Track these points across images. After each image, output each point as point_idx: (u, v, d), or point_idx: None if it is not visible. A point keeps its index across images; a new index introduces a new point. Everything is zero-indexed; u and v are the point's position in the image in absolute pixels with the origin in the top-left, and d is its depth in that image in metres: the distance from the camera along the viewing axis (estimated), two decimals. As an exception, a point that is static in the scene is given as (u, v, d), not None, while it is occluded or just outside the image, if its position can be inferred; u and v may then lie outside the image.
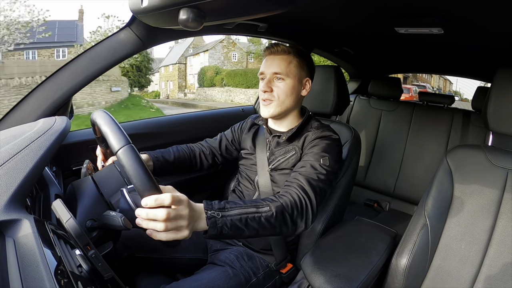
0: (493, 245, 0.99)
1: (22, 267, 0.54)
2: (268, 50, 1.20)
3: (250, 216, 0.85)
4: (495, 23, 1.11)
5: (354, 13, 1.25)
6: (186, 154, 1.34)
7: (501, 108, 1.02)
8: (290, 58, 1.17)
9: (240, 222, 0.83)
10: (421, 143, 2.21)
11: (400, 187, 2.25)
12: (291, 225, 0.93)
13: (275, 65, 1.16)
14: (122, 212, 0.86)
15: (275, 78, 1.17)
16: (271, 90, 1.16)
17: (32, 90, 1.14)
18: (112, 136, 0.73)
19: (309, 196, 0.98)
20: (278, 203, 0.91)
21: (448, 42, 1.51)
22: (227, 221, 0.80)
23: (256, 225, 0.85)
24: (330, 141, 1.13)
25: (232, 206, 0.84)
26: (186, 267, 1.25)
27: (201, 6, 0.68)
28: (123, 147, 0.70)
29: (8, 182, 0.67)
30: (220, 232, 0.80)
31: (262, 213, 0.87)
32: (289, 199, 0.94)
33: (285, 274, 1.23)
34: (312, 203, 0.97)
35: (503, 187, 1.01)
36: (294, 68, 1.17)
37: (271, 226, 0.88)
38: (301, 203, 0.95)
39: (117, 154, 0.71)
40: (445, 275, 1.04)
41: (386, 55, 2.29)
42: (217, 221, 0.79)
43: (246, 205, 0.86)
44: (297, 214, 0.93)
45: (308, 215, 0.96)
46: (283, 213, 0.90)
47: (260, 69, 1.21)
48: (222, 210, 0.81)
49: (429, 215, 1.05)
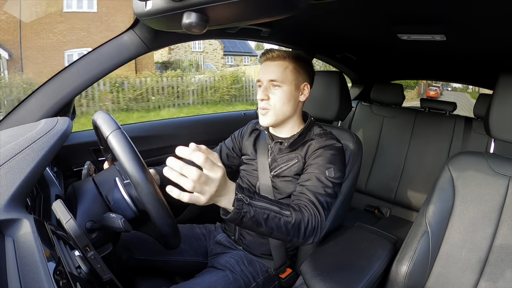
0: (494, 252, 0.99)
1: (21, 267, 0.54)
2: (264, 56, 1.17)
3: (272, 214, 0.84)
4: (498, 30, 1.11)
5: (357, 19, 1.25)
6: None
7: (503, 115, 1.02)
8: (286, 64, 1.15)
9: (262, 216, 0.82)
10: (422, 149, 2.21)
11: (401, 193, 2.24)
12: (302, 238, 0.92)
13: (270, 71, 1.14)
14: (115, 202, 0.86)
15: (272, 85, 1.14)
16: (268, 98, 1.14)
17: (35, 91, 1.14)
18: (103, 124, 0.75)
19: (319, 212, 0.97)
20: (298, 213, 0.91)
21: (451, 49, 1.51)
22: (251, 210, 0.80)
23: (274, 224, 0.85)
24: (334, 151, 1.11)
25: (260, 198, 0.84)
26: (185, 270, 1.25)
27: (205, 10, 0.68)
28: (113, 131, 0.72)
29: (9, 182, 0.67)
30: (241, 218, 0.79)
31: (283, 215, 0.86)
32: (308, 214, 0.93)
33: (284, 279, 1.22)
34: (322, 220, 0.97)
35: (505, 195, 1.01)
36: (290, 74, 1.15)
37: (286, 231, 0.88)
38: (315, 220, 0.95)
39: (107, 139, 0.71)
40: (446, 282, 1.03)
41: (388, 62, 2.30)
42: (243, 206, 0.78)
43: (271, 202, 0.86)
44: (310, 229, 0.93)
45: (318, 231, 0.95)
46: (299, 224, 0.90)
47: (257, 76, 1.19)
48: (251, 198, 0.81)
49: (430, 222, 1.05)
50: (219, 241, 1.31)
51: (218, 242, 1.31)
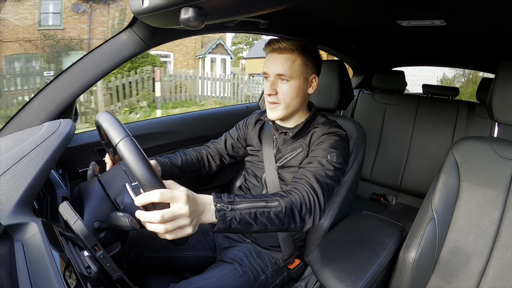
0: (501, 237, 0.99)
1: (31, 270, 0.54)
2: (270, 47, 1.11)
3: (259, 210, 0.82)
4: (497, 15, 1.09)
5: (356, 7, 1.24)
6: (194, 157, 1.32)
7: (506, 99, 1.01)
8: (294, 57, 1.09)
9: (249, 216, 0.80)
10: (426, 135, 2.20)
11: (406, 180, 2.24)
12: (299, 221, 0.91)
13: (278, 65, 1.09)
14: (126, 207, 0.87)
15: (279, 79, 1.11)
16: (275, 92, 1.11)
17: (36, 94, 1.14)
18: (112, 130, 0.73)
19: (317, 193, 0.96)
20: (287, 198, 0.89)
21: (451, 33, 1.49)
22: (236, 215, 0.78)
23: (265, 220, 0.83)
24: (337, 137, 1.10)
25: (242, 199, 0.82)
26: (194, 266, 1.26)
27: (203, 5, 0.67)
28: (123, 139, 0.71)
29: (15, 186, 0.68)
30: (229, 225, 0.77)
31: (271, 208, 0.85)
32: (298, 195, 0.92)
33: (293, 270, 1.23)
34: (320, 200, 0.95)
35: (510, 179, 1.00)
36: (299, 68, 1.10)
37: (280, 221, 0.86)
38: (310, 199, 0.93)
39: (117, 147, 0.71)
40: (453, 268, 1.04)
41: (389, 49, 2.28)
42: (226, 214, 0.77)
43: (255, 199, 0.84)
44: (306, 210, 0.92)
45: (316, 212, 0.94)
46: (292, 209, 0.88)
47: (263, 67, 1.14)
48: (232, 203, 0.79)
49: (436, 208, 1.05)
50: (227, 234, 1.32)
51: (226, 235, 1.32)
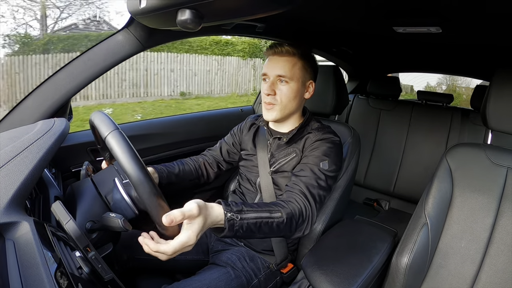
0: (494, 243, 0.99)
1: (22, 269, 0.54)
2: (271, 50, 1.15)
3: (264, 221, 0.86)
4: (493, 23, 1.11)
5: (352, 13, 1.25)
6: (191, 166, 1.32)
7: (500, 106, 1.02)
8: (295, 60, 1.13)
9: (255, 226, 0.84)
10: (420, 141, 2.21)
11: (400, 186, 2.25)
12: (294, 231, 0.95)
13: (279, 67, 1.12)
14: (115, 203, 0.86)
15: (279, 80, 1.13)
16: (274, 93, 1.13)
17: (31, 92, 1.13)
18: (101, 124, 0.75)
19: (310, 204, 1.00)
20: (288, 209, 0.93)
21: (447, 41, 1.51)
22: (243, 224, 0.81)
23: (267, 229, 0.87)
24: (331, 144, 1.12)
25: (249, 209, 0.84)
26: (187, 268, 1.25)
27: (200, 7, 0.67)
28: (111, 132, 0.72)
29: (8, 185, 0.67)
30: (234, 234, 0.81)
31: (274, 218, 0.88)
32: (297, 207, 0.96)
33: (286, 274, 1.23)
34: (313, 211, 1.00)
35: (503, 185, 1.01)
36: (299, 71, 1.14)
37: (279, 231, 0.90)
38: (306, 210, 0.98)
39: (105, 140, 0.72)
40: (446, 274, 1.04)
41: (384, 55, 2.29)
42: (235, 223, 0.80)
43: (261, 209, 0.87)
44: (301, 221, 0.96)
45: (309, 223, 0.99)
46: (291, 220, 0.92)
47: (263, 69, 1.17)
48: (240, 213, 0.82)
49: (429, 214, 1.05)
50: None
51: (219, 239, 1.31)
